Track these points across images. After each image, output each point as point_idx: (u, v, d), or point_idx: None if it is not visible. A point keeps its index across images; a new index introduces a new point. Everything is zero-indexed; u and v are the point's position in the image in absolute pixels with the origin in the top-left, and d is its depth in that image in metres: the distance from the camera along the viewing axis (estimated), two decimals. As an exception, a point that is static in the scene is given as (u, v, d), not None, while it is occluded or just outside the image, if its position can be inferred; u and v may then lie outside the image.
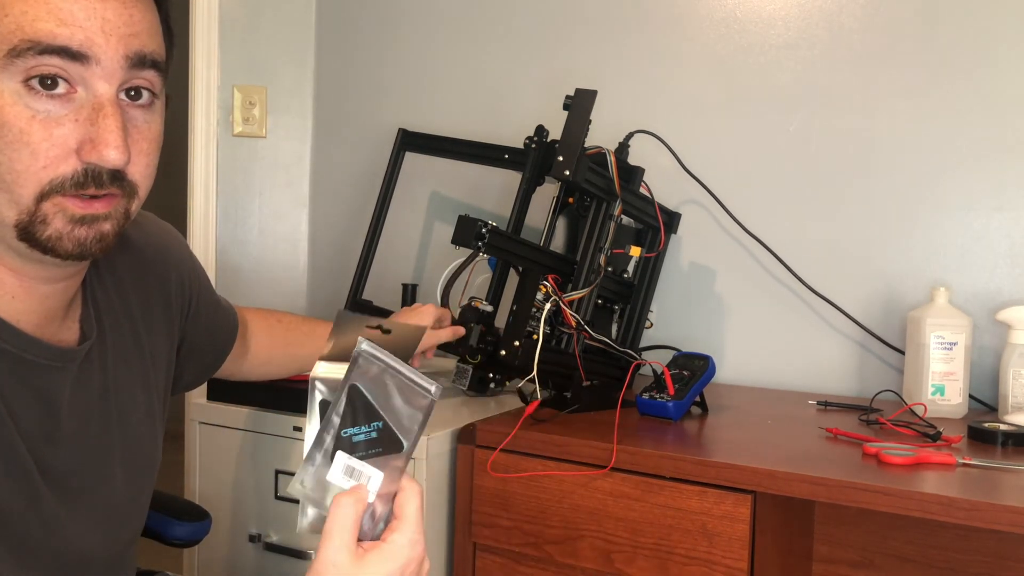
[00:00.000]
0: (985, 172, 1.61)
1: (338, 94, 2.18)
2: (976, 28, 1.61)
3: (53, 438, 0.86)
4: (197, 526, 1.27)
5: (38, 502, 0.84)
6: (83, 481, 0.89)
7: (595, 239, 1.46)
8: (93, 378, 0.91)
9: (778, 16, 1.76)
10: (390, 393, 0.74)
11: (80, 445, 0.89)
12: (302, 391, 1.51)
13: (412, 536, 0.75)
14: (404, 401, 0.74)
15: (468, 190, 2.02)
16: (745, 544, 1.17)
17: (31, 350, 0.82)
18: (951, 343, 1.48)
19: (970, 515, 1.04)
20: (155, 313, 1.02)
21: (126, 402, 0.95)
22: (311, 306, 2.21)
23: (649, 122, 1.71)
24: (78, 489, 0.89)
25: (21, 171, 0.74)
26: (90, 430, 0.90)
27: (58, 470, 0.86)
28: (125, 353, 0.96)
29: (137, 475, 0.97)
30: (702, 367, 1.44)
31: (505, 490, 1.31)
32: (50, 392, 0.85)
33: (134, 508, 0.98)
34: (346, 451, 0.73)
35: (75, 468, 0.88)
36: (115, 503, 0.94)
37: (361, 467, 0.73)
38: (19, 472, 0.82)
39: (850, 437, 1.31)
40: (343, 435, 0.73)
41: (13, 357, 0.81)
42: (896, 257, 1.68)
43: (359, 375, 0.74)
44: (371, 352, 0.74)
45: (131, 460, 0.96)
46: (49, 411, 0.85)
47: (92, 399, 0.91)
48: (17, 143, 0.73)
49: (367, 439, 0.73)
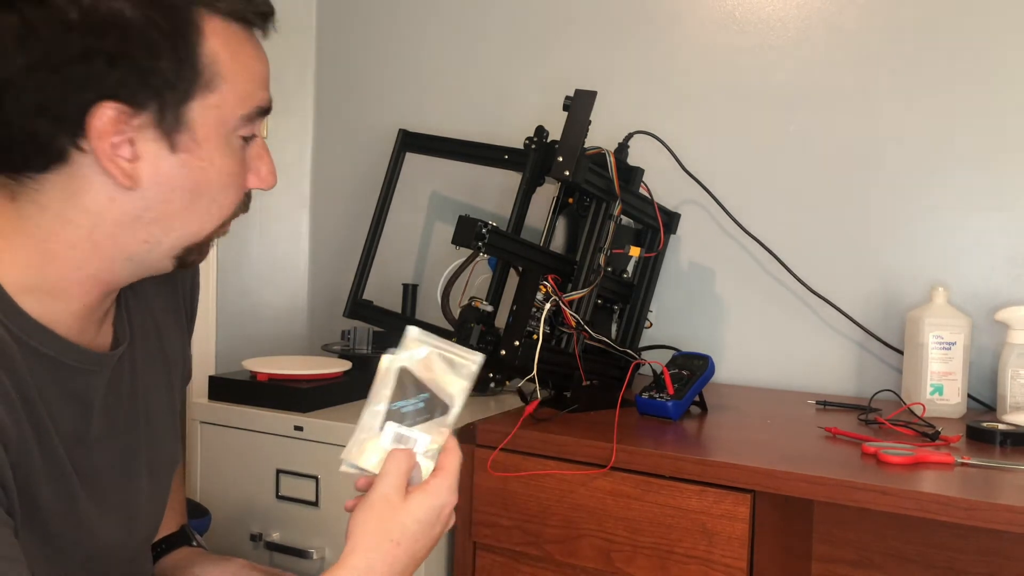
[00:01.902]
0: (984, 172, 1.61)
1: (339, 95, 2.18)
2: (975, 28, 1.61)
3: (86, 439, 0.89)
4: (197, 523, 1.29)
5: (75, 502, 0.88)
6: (112, 481, 0.93)
7: (595, 239, 1.46)
8: (123, 380, 0.94)
9: (777, 17, 1.76)
10: (436, 367, 0.88)
11: (110, 446, 0.92)
12: (302, 391, 1.52)
13: (451, 483, 0.89)
14: (450, 371, 0.89)
15: (468, 190, 2.03)
16: (744, 543, 1.17)
17: (69, 355, 0.86)
18: (950, 343, 1.48)
19: (969, 514, 1.04)
20: (171, 315, 1.05)
21: (152, 403, 0.99)
22: (312, 306, 2.21)
23: (649, 122, 1.72)
24: (108, 488, 0.92)
25: (225, 206, 0.87)
26: (119, 431, 0.94)
27: (90, 470, 0.90)
28: (150, 355, 0.99)
29: (160, 474, 1.01)
30: (701, 367, 1.45)
31: (505, 489, 1.31)
32: (86, 395, 0.89)
33: (156, 506, 1.02)
34: (396, 421, 0.87)
35: (105, 468, 0.92)
36: (140, 501, 0.98)
37: (409, 433, 0.88)
38: (59, 474, 0.85)
39: (849, 437, 1.31)
40: (392, 408, 0.87)
41: (53, 361, 0.84)
42: (895, 257, 1.68)
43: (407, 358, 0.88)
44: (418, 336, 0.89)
45: (155, 459, 1.00)
46: (83, 413, 0.89)
47: (122, 401, 0.94)
48: (229, 188, 0.86)
49: (415, 409, 0.87)
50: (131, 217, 0.83)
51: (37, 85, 0.76)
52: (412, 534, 0.87)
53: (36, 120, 0.77)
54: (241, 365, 1.61)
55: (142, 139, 0.81)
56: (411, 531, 0.87)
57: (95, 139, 0.78)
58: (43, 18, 0.76)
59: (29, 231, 0.82)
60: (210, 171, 0.84)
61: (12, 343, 0.80)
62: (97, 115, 0.78)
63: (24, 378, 0.81)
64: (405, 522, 0.87)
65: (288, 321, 2.19)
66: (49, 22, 0.75)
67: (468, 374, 0.90)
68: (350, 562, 0.85)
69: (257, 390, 1.52)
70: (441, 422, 0.89)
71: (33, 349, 0.82)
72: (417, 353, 0.89)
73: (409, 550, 0.87)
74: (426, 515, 0.88)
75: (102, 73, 0.77)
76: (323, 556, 1.43)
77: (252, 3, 0.85)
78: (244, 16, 0.84)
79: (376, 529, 0.86)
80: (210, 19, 0.81)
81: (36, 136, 0.78)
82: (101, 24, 0.76)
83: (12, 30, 0.76)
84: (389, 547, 0.86)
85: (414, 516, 0.87)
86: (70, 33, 0.76)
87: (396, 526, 0.86)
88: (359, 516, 0.87)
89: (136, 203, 0.82)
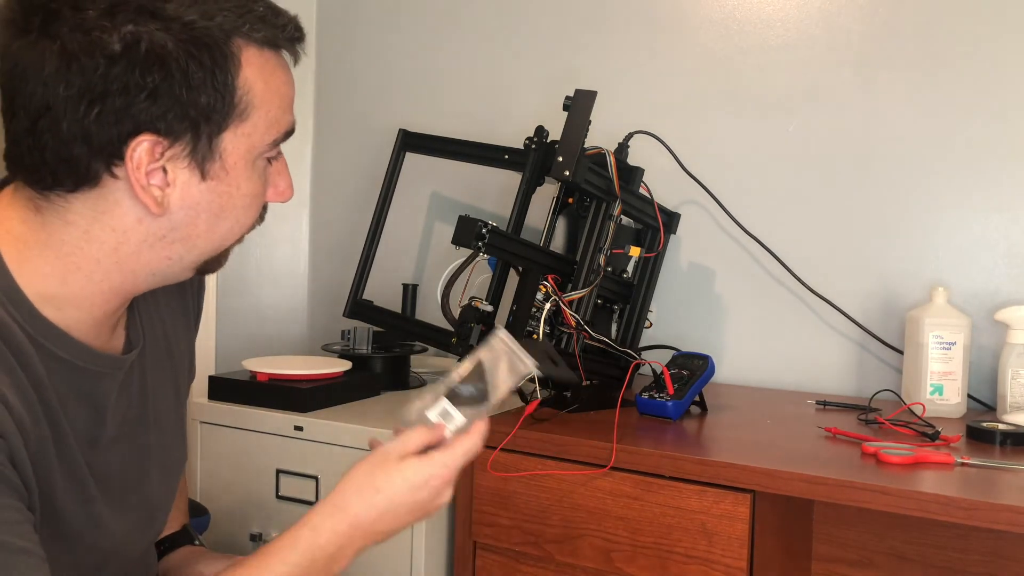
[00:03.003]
0: (984, 172, 1.61)
1: (339, 95, 2.18)
2: (975, 29, 1.61)
3: (100, 441, 0.90)
4: (196, 521, 1.29)
5: (92, 504, 0.89)
6: (125, 481, 0.94)
7: (595, 239, 1.46)
8: (134, 382, 0.95)
9: (777, 17, 1.76)
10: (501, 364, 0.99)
11: (122, 447, 0.93)
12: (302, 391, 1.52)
13: (448, 460, 0.92)
14: (508, 369, 0.98)
15: (468, 190, 2.03)
16: (744, 543, 1.17)
17: (84, 358, 0.86)
18: (950, 343, 1.48)
19: (968, 514, 1.04)
20: (178, 315, 1.06)
21: (161, 404, 1.00)
22: (311, 305, 2.21)
23: (649, 122, 1.72)
24: (120, 489, 0.93)
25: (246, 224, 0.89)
26: (131, 432, 0.95)
27: (103, 472, 0.91)
28: (159, 356, 1.00)
29: (169, 474, 1.03)
30: (701, 367, 1.45)
31: (505, 489, 1.31)
32: (99, 397, 0.90)
33: (164, 505, 1.04)
34: (450, 398, 0.96)
35: (117, 469, 0.93)
36: (150, 501, 0.99)
37: (454, 412, 0.95)
38: (76, 475, 0.87)
39: (849, 436, 1.31)
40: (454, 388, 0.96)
41: (69, 365, 0.85)
42: (895, 257, 1.68)
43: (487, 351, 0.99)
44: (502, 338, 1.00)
45: (164, 459, 1.01)
46: (97, 416, 0.90)
47: (133, 402, 0.95)
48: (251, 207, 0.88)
49: (469, 395, 0.97)
50: (156, 237, 0.84)
51: (76, 114, 0.77)
52: (396, 488, 0.90)
53: (74, 147, 0.78)
54: (241, 365, 1.61)
55: (174, 167, 0.81)
56: (396, 485, 0.90)
57: (131, 169, 0.79)
58: (85, 49, 0.76)
59: (53, 244, 0.82)
60: (236, 195, 0.86)
61: (30, 346, 0.81)
62: (134, 146, 0.78)
63: (42, 380, 0.82)
64: (392, 477, 0.90)
65: (288, 321, 2.19)
66: (91, 53, 0.76)
67: (519, 374, 0.99)
68: (330, 498, 0.90)
69: (257, 390, 1.52)
70: (478, 410, 0.97)
71: (50, 352, 0.83)
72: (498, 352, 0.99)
73: (390, 501, 0.90)
74: (415, 476, 0.90)
75: (142, 106, 0.77)
76: (323, 556, 1.43)
77: (285, 29, 0.86)
78: (277, 42, 0.86)
79: (364, 474, 0.91)
80: (247, 48, 0.82)
81: (72, 161, 0.79)
82: (144, 58, 0.76)
83: (53, 58, 0.76)
84: (370, 492, 0.90)
85: (403, 475, 0.90)
86: (112, 66, 0.76)
87: (382, 476, 0.90)
88: (355, 466, 0.92)
89: (163, 225, 0.84)
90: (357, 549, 0.90)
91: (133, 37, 0.76)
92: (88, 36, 0.75)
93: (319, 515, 0.89)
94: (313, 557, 0.87)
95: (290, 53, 0.89)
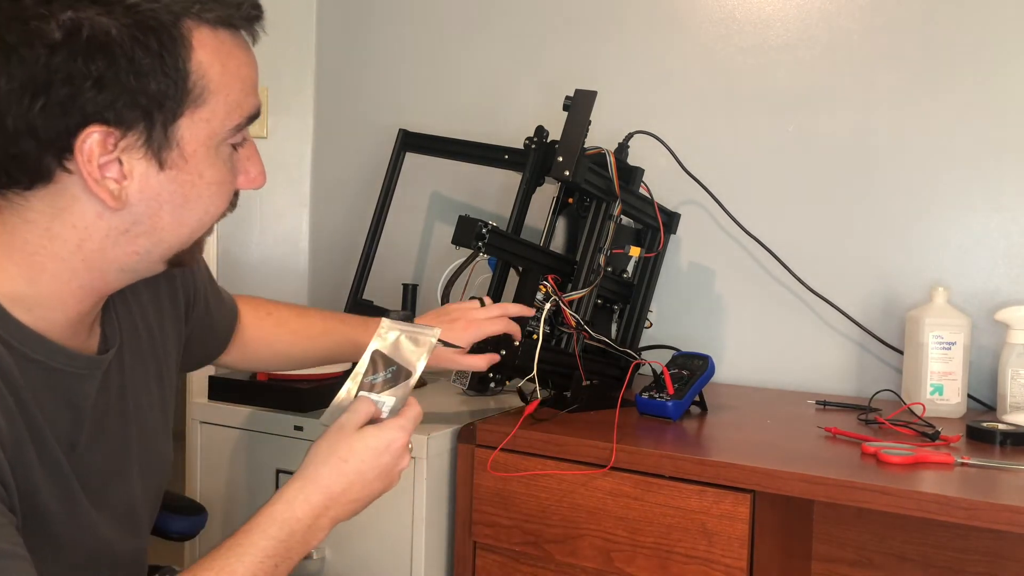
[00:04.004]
0: (984, 172, 1.62)
1: (339, 95, 2.18)
2: (975, 29, 1.61)
3: (79, 441, 0.89)
4: (194, 520, 1.28)
5: (75, 504, 0.88)
6: (105, 479, 0.93)
7: (595, 239, 1.46)
8: (112, 379, 0.94)
9: (776, 17, 1.76)
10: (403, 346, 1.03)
11: (101, 445, 0.92)
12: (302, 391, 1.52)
13: (403, 424, 0.96)
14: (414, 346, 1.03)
15: (468, 190, 2.03)
16: (744, 543, 1.17)
17: (59, 359, 0.85)
18: (950, 343, 1.48)
19: (968, 514, 1.04)
20: (165, 307, 1.05)
21: (142, 398, 0.99)
22: (311, 306, 2.21)
23: (649, 122, 1.72)
24: (101, 488, 0.92)
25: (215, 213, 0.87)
26: (110, 429, 0.94)
27: (86, 472, 0.90)
28: (140, 350, 0.99)
29: (150, 472, 1.01)
30: (701, 367, 1.45)
31: (505, 489, 1.31)
32: (78, 398, 0.89)
33: (148, 504, 1.02)
34: (366, 391, 1.00)
35: (98, 468, 0.92)
36: (133, 499, 0.98)
37: (377, 397, 1.00)
38: (58, 476, 0.86)
39: (849, 436, 1.31)
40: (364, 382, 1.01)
41: (44, 367, 0.84)
42: (895, 257, 1.68)
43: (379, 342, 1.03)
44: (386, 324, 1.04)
45: (145, 456, 0.99)
46: (76, 416, 0.89)
47: (111, 399, 0.94)
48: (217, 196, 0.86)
49: (383, 379, 1.01)
50: (119, 232, 0.82)
51: (20, 108, 0.75)
52: (361, 455, 0.93)
53: (21, 142, 0.76)
54: (241, 365, 1.61)
55: (130, 159, 0.79)
56: (358, 453, 0.93)
57: (82, 162, 0.77)
58: (24, 39, 0.73)
59: (17, 245, 0.81)
60: (199, 184, 0.84)
61: (2, 347, 0.80)
62: (84, 138, 0.76)
63: (16, 381, 0.81)
64: (354, 445, 0.93)
65: (288, 321, 2.19)
66: (30, 43, 0.73)
67: (427, 346, 1.04)
68: (299, 473, 0.92)
69: (257, 390, 1.52)
70: (405, 385, 1.02)
71: (24, 354, 0.82)
72: (388, 337, 1.04)
73: (358, 468, 0.92)
74: (376, 442, 0.93)
75: (88, 96, 0.75)
76: (323, 556, 1.43)
77: (240, 8, 0.83)
78: (232, 22, 0.82)
79: (327, 449, 0.93)
80: (198, 30, 0.79)
81: (21, 157, 0.77)
82: (86, 45, 0.74)
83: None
84: (336, 462, 0.92)
85: (365, 442, 0.93)
86: (53, 55, 0.74)
87: (344, 446, 0.93)
88: (314, 444, 0.95)
89: (124, 219, 0.82)
90: (332, 519, 0.92)
91: (73, 24, 0.74)
92: (26, 26, 0.73)
93: (292, 489, 0.90)
94: (291, 529, 0.88)
95: (248, 33, 0.85)
